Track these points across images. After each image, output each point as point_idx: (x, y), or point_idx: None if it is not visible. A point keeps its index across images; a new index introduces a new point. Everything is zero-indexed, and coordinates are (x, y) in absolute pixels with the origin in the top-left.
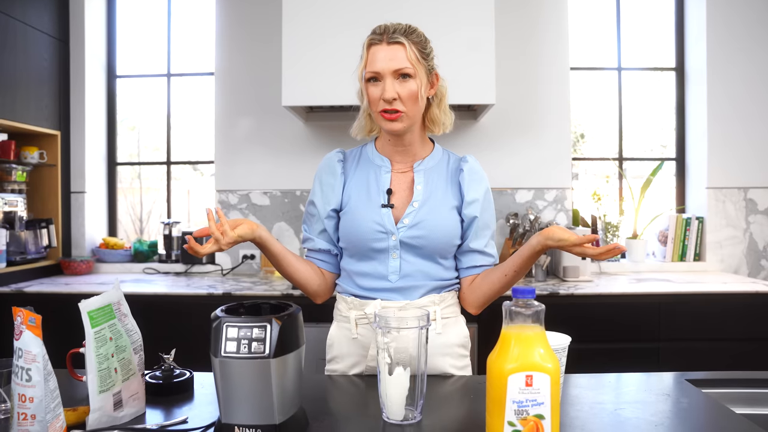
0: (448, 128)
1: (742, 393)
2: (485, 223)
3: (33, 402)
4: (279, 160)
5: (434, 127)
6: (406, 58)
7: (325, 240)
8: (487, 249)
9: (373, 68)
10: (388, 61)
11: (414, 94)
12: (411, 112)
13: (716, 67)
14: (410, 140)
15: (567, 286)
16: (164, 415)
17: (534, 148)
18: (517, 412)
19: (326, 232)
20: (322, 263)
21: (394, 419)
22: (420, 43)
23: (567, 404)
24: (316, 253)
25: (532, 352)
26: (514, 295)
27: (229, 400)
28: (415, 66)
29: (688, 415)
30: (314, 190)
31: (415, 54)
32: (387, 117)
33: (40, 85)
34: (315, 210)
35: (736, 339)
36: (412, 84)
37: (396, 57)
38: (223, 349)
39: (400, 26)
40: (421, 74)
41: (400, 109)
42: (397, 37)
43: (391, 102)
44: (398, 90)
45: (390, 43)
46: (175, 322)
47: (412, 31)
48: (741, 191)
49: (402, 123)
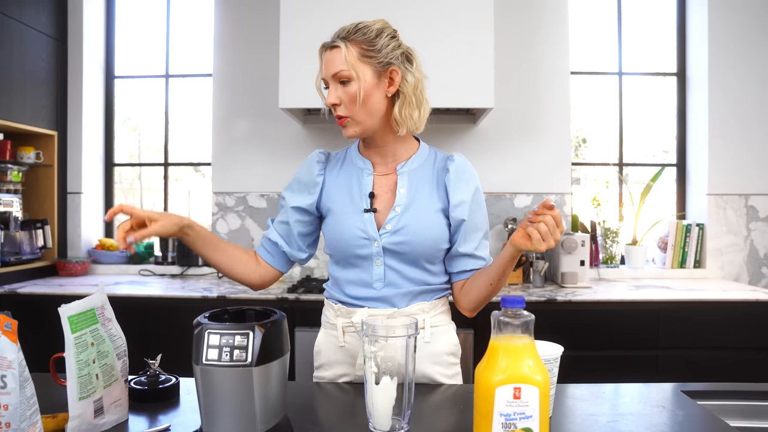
0: (417, 128)
1: (738, 405)
2: (474, 226)
3: (8, 410)
4: (276, 163)
5: (397, 127)
6: (342, 61)
7: (279, 232)
8: (478, 252)
9: (322, 76)
10: (328, 66)
11: (353, 97)
12: (358, 115)
13: (717, 72)
14: (382, 142)
15: (565, 293)
16: (148, 422)
17: (534, 153)
18: (505, 425)
19: (285, 225)
20: (265, 253)
21: (380, 429)
22: (365, 41)
23: (560, 415)
24: (266, 241)
25: (521, 363)
26: (503, 305)
27: (210, 410)
28: (353, 67)
29: (684, 428)
30: (290, 183)
31: (354, 55)
32: (338, 123)
33: (38, 85)
34: (283, 202)
35: (737, 348)
36: (351, 87)
37: (333, 61)
38: (204, 356)
39: (346, 27)
40: (364, 74)
41: (342, 114)
42: (335, 41)
43: (334, 108)
44: (339, 94)
45: (330, 48)
46: (169, 325)
47: (357, 30)
48: (742, 198)
49: (351, 128)
